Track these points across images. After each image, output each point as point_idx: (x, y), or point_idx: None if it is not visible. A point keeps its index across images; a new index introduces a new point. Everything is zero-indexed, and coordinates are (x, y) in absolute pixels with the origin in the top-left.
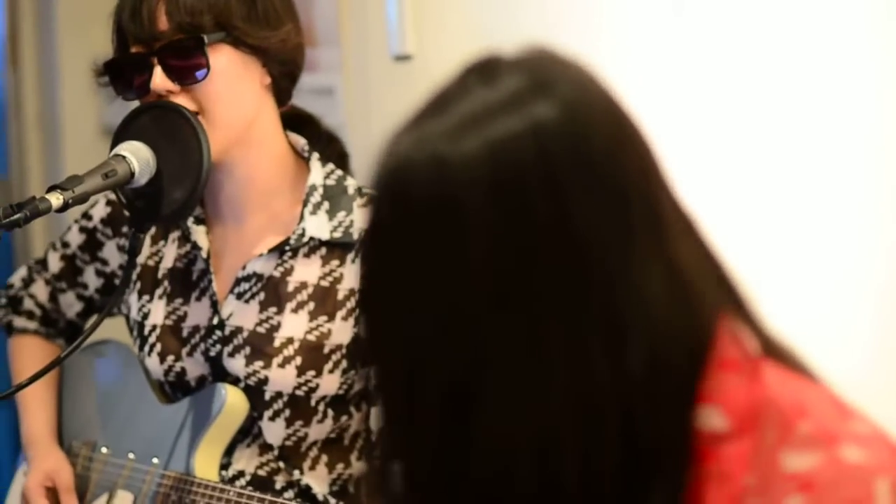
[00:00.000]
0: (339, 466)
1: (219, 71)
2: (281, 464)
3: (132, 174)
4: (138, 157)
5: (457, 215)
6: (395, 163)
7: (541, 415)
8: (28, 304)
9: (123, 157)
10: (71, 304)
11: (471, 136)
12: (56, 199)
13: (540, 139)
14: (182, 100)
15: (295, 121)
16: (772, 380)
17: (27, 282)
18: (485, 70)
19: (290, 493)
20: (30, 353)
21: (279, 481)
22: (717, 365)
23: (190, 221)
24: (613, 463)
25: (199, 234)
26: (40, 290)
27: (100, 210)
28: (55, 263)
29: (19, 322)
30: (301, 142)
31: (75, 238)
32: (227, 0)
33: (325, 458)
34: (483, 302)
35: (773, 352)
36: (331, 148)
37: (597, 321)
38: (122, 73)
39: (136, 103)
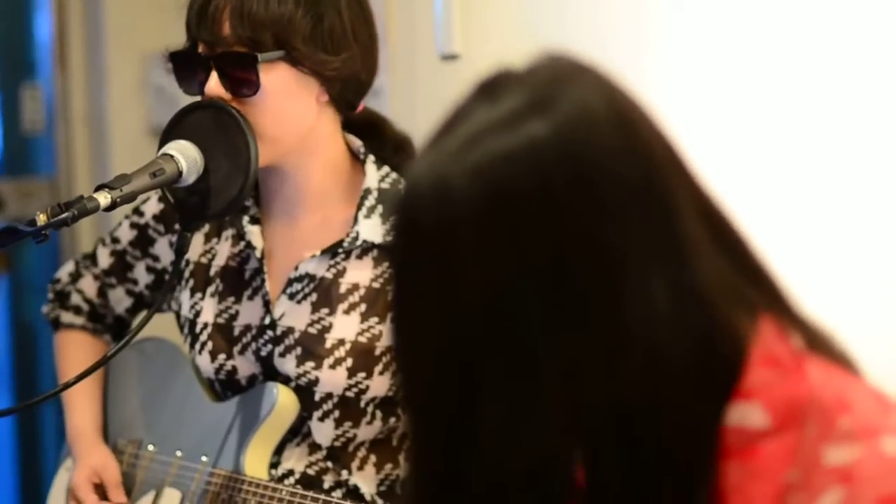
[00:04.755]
0: (388, 467)
1: (270, 90)
2: (329, 463)
3: (180, 173)
4: (186, 156)
5: (455, 236)
6: (407, 186)
7: (536, 435)
8: (75, 298)
9: (171, 156)
10: (120, 300)
11: (470, 157)
12: (104, 198)
13: (535, 158)
14: (234, 107)
15: (365, 123)
16: (815, 375)
17: (75, 277)
18: (489, 88)
19: (338, 493)
20: (76, 348)
21: (327, 481)
22: (759, 362)
23: (245, 220)
24: (613, 479)
25: (253, 233)
26: (88, 285)
27: (152, 206)
28: (105, 259)
29: (66, 317)
30: (357, 143)
31: (126, 234)
32: (292, 17)
33: (373, 458)
34: (479, 325)
35: (818, 346)
36: (400, 153)
37: (594, 341)
38: (184, 66)
39: (184, 102)
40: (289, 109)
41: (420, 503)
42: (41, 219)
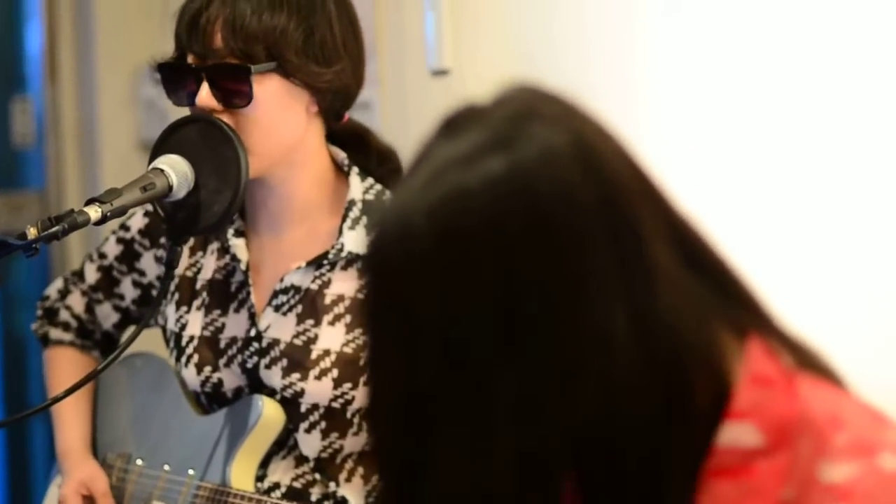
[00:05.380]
0: (375, 479)
1: (262, 101)
2: (316, 476)
3: (170, 187)
4: (177, 170)
5: (413, 273)
6: (376, 224)
7: (490, 470)
8: (64, 315)
9: (162, 171)
10: (107, 316)
11: (429, 194)
12: (94, 212)
13: (488, 194)
14: (225, 119)
15: (350, 135)
16: (806, 392)
17: (63, 293)
18: (452, 124)
19: None
20: (65, 365)
21: (315, 493)
22: (749, 382)
23: (230, 234)
24: None
25: (238, 246)
26: (76, 301)
27: (137, 221)
28: (92, 274)
29: (55, 333)
30: (341, 156)
31: (112, 249)
32: (284, 30)
33: (360, 470)
34: (434, 359)
35: (807, 364)
36: (385, 164)
37: (547, 374)
38: (173, 77)
39: (174, 116)
40: (279, 121)
41: None
42: (31, 232)
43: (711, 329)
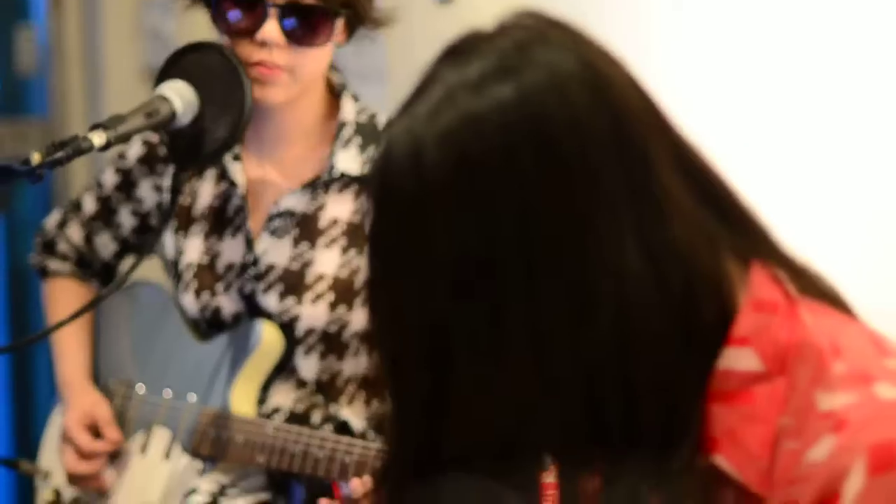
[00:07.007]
0: (377, 403)
1: (327, 42)
2: (318, 399)
3: (174, 114)
4: (181, 96)
5: (425, 201)
6: (382, 150)
7: (506, 401)
8: (62, 246)
9: (166, 97)
10: (106, 245)
11: (439, 121)
12: (98, 138)
13: (499, 121)
14: (279, 53)
15: None
16: (808, 320)
17: (61, 224)
18: (459, 51)
19: (327, 428)
20: (65, 295)
21: (316, 416)
22: (751, 308)
23: (227, 159)
24: (584, 430)
25: (236, 171)
26: (75, 232)
27: (135, 150)
28: (90, 205)
29: (54, 265)
30: (339, 78)
31: (110, 179)
32: None
33: (362, 394)
34: (448, 289)
35: (811, 290)
36: None
37: (561, 302)
38: (234, 5)
39: (179, 44)
40: (328, 56)
41: (400, 456)
42: (35, 158)
43: (719, 256)
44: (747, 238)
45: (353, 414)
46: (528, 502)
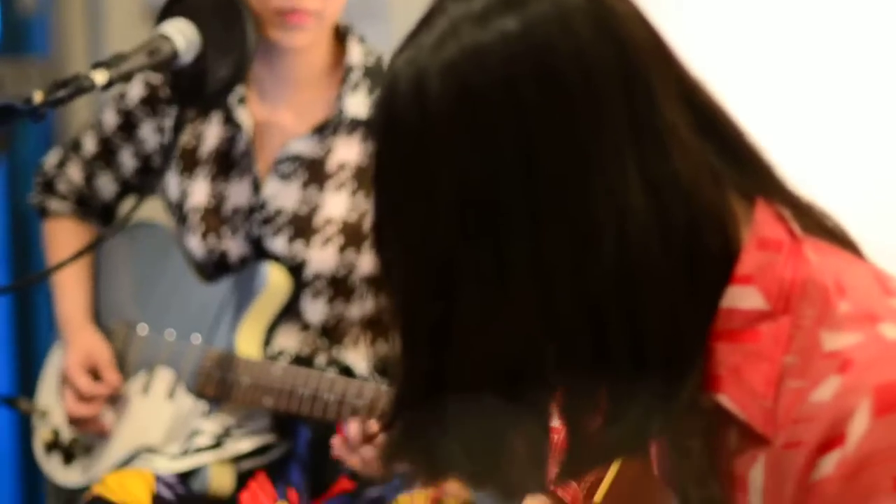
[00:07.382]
0: (382, 345)
1: None
2: (322, 342)
3: (177, 53)
4: (183, 35)
5: (428, 132)
6: (386, 82)
7: (509, 333)
8: (62, 186)
9: (168, 36)
10: (106, 186)
11: (443, 53)
12: (100, 77)
13: (502, 53)
14: None
15: None
16: (813, 258)
17: (61, 164)
18: None
19: (331, 371)
20: (65, 235)
21: (321, 359)
22: (755, 246)
23: (234, 101)
24: (588, 363)
25: (242, 114)
26: (75, 172)
27: (137, 91)
28: (90, 145)
29: (53, 204)
30: (343, 22)
31: (111, 119)
32: None
33: (367, 336)
34: (452, 222)
35: (816, 229)
36: None
37: (563, 235)
38: None
39: None
40: None
41: (404, 391)
42: (37, 97)
43: (723, 192)
44: (752, 175)
45: (358, 357)
46: (533, 435)
